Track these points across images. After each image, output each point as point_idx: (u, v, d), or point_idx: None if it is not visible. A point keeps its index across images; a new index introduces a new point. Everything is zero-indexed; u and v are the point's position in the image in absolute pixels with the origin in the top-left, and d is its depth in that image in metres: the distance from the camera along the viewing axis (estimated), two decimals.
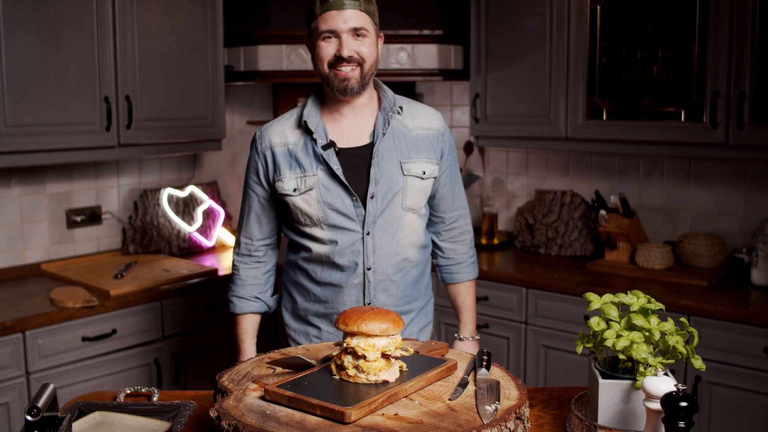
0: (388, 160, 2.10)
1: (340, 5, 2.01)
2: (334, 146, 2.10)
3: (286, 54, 3.72)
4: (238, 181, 4.30)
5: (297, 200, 2.11)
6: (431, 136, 2.18)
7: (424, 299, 2.29)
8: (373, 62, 2.08)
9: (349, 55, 2.03)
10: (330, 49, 2.05)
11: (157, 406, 1.74)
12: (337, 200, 2.08)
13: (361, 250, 2.11)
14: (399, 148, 2.13)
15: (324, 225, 2.11)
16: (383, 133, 2.11)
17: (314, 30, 2.07)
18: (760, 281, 3.13)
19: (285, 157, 2.13)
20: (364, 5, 2.04)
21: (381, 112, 2.14)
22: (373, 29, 2.08)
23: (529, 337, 3.39)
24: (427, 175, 2.15)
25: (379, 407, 1.44)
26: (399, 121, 2.15)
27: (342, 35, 2.03)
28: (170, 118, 3.43)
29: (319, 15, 2.04)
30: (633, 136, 3.28)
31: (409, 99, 2.24)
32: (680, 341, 1.50)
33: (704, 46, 3.06)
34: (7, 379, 2.75)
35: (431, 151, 2.17)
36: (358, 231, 2.10)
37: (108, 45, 3.15)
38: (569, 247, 3.75)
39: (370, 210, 2.09)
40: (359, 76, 2.06)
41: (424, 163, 2.15)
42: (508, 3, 3.59)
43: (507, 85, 3.64)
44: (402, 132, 2.14)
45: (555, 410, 1.72)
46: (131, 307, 3.08)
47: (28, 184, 3.39)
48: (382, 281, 2.14)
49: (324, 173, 2.09)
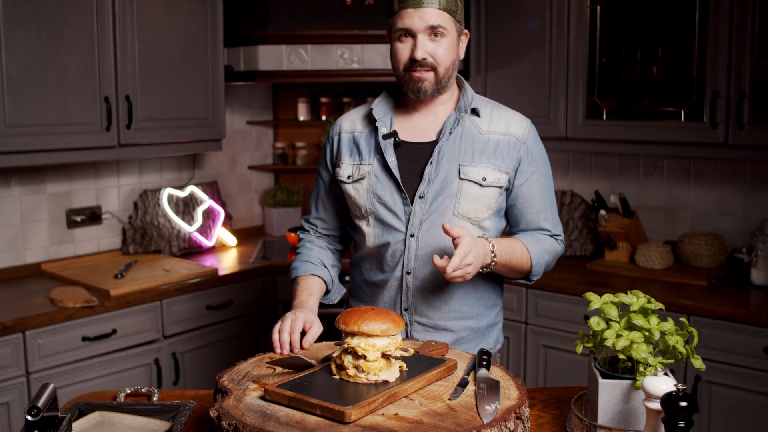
0: (447, 161, 1.96)
1: (417, 3, 1.89)
2: (395, 137, 2.00)
3: (285, 54, 3.73)
4: (238, 181, 4.30)
5: (349, 188, 2.04)
6: (506, 142, 1.99)
7: (482, 320, 2.07)
8: (450, 65, 1.96)
9: (422, 57, 1.91)
10: (405, 50, 1.94)
11: (157, 406, 1.73)
12: (387, 194, 1.99)
13: (403, 250, 1.98)
14: (464, 149, 1.97)
15: (371, 218, 2.02)
16: (450, 132, 1.98)
17: (391, 27, 1.96)
18: (760, 281, 3.13)
19: (348, 144, 2.08)
20: (443, 2, 1.91)
21: (455, 111, 2.02)
22: (454, 28, 1.95)
23: (529, 336, 3.39)
24: (487, 183, 1.96)
25: (379, 407, 1.44)
26: (474, 123, 2.01)
27: (418, 35, 1.91)
28: (170, 118, 3.43)
29: (396, 12, 1.92)
30: (633, 136, 3.29)
31: (497, 103, 2.09)
32: (680, 341, 1.50)
33: (704, 46, 3.06)
34: (7, 379, 2.75)
35: (502, 158, 1.98)
36: (403, 231, 1.98)
37: (108, 45, 3.15)
38: (569, 247, 3.75)
39: (417, 210, 1.96)
40: (434, 79, 1.95)
41: (488, 170, 1.96)
42: (508, 3, 3.59)
43: (507, 84, 3.64)
44: (472, 134, 1.99)
45: (555, 410, 1.72)
46: (131, 307, 3.08)
47: (29, 184, 3.39)
48: (421, 288, 2.00)
49: (378, 164, 2.00)
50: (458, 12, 1.97)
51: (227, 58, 3.81)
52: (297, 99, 4.26)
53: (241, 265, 3.60)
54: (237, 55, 3.82)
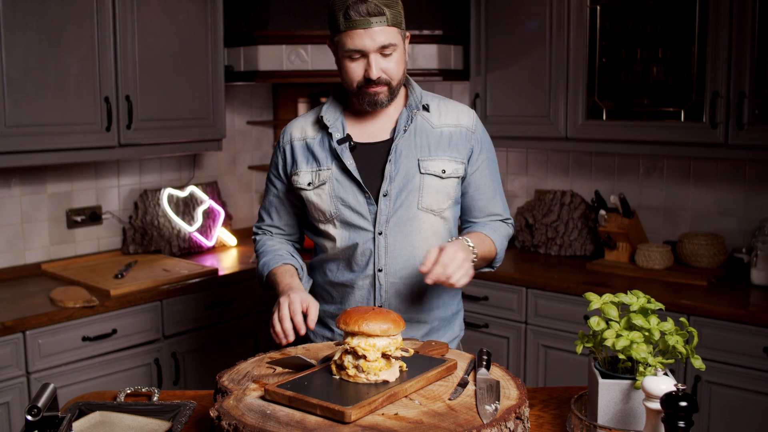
0: (405, 158, 2.01)
1: (366, 24, 1.89)
2: (349, 141, 2.03)
3: (286, 54, 3.73)
4: (239, 181, 4.30)
5: (311, 194, 2.06)
6: (458, 134, 2.07)
7: (447, 310, 2.15)
8: (401, 76, 2.00)
9: (377, 76, 1.94)
10: (359, 69, 1.95)
11: (158, 405, 1.74)
12: (350, 196, 2.02)
13: (373, 249, 2.02)
14: (420, 145, 2.03)
15: (337, 221, 2.04)
16: (404, 129, 2.03)
17: (339, 43, 1.96)
18: (760, 281, 3.13)
19: (302, 151, 2.09)
20: (390, 17, 1.92)
21: (406, 108, 2.06)
22: (401, 38, 1.98)
23: (529, 336, 3.39)
24: (447, 174, 2.03)
25: (379, 407, 1.44)
26: (424, 118, 2.06)
27: (370, 55, 1.93)
28: (170, 118, 3.43)
29: (343, 31, 1.92)
30: (633, 136, 3.29)
31: (441, 96, 2.14)
32: (680, 341, 1.50)
33: (704, 46, 3.06)
34: (7, 378, 2.75)
35: (457, 149, 2.06)
36: (370, 230, 2.02)
37: (108, 45, 3.15)
38: (569, 247, 3.75)
39: (382, 208, 2.00)
40: (388, 91, 1.99)
41: (446, 162, 2.03)
42: (508, 3, 3.59)
43: (507, 85, 3.64)
44: (426, 129, 2.05)
45: (555, 410, 1.72)
46: (131, 307, 3.08)
47: (29, 184, 3.39)
48: (394, 284, 2.04)
49: (338, 168, 2.03)
50: (401, 19, 1.99)
51: (227, 58, 3.81)
52: (297, 99, 4.26)
53: (241, 265, 3.60)
54: (237, 55, 3.82)
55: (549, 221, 3.82)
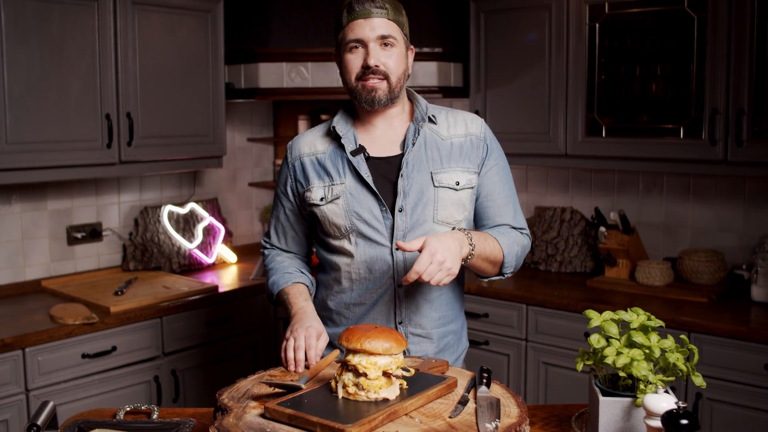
0: (418, 172, 1.99)
1: (367, 14, 1.93)
2: (363, 152, 2.01)
3: (286, 71, 3.74)
4: (239, 198, 4.31)
5: (324, 209, 2.02)
6: (468, 143, 2.05)
7: (458, 322, 2.14)
8: (401, 74, 1.99)
9: (375, 63, 1.94)
10: (357, 60, 1.96)
11: (157, 423, 1.73)
12: (365, 210, 1.98)
13: (391, 265, 1.99)
14: (432, 158, 2.01)
15: (352, 236, 2.00)
16: (413, 143, 2.01)
17: (341, 41, 1.99)
18: (760, 298, 3.13)
19: (313, 167, 2.06)
20: (392, 14, 1.96)
21: (413, 122, 2.04)
22: (403, 40, 2.00)
23: (529, 354, 3.38)
24: (461, 186, 2.01)
25: (379, 425, 1.44)
26: (433, 131, 2.05)
27: (369, 44, 1.94)
28: (171, 135, 3.44)
29: (346, 25, 1.96)
30: (632, 152, 3.29)
31: (448, 108, 2.13)
32: (680, 358, 1.50)
33: (703, 63, 3.08)
34: (6, 396, 2.74)
35: (468, 158, 2.04)
36: (387, 245, 1.98)
37: (109, 62, 3.17)
38: (569, 264, 3.75)
39: (398, 224, 1.97)
40: (387, 88, 1.97)
41: (459, 173, 2.01)
42: (508, 21, 3.61)
43: (506, 102, 3.65)
44: (436, 141, 2.03)
45: (555, 428, 1.72)
46: (131, 324, 3.07)
47: (29, 201, 3.40)
48: (414, 300, 2.01)
49: (352, 180, 2.00)
50: (405, 26, 2.02)
51: (228, 76, 3.83)
52: (297, 116, 4.28)
53: (241, 282, 3.60)
54: (238, 73, 3.84)
55: (549, 238, 3.82)
